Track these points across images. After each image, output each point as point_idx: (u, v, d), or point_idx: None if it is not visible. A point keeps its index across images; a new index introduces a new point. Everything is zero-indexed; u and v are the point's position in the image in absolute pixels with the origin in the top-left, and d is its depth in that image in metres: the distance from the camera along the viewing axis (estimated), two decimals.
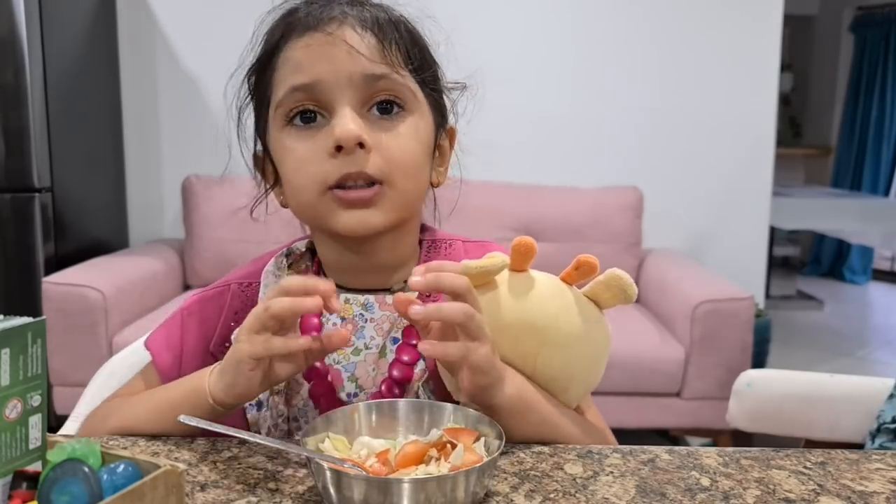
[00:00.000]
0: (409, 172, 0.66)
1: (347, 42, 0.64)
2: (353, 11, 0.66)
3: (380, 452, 0.56)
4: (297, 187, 0.67)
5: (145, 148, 2.90)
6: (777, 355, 3.12)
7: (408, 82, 0.66)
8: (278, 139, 0.68)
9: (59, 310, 2.12)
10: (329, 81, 0.64)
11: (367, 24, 0.65)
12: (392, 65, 0.65)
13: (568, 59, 2.91)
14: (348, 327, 0.71)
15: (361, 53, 0.64)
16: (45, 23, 2.26)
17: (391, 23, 0.67)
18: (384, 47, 0.65)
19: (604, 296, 0.66)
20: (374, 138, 0.64)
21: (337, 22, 0.65)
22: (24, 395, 0.48)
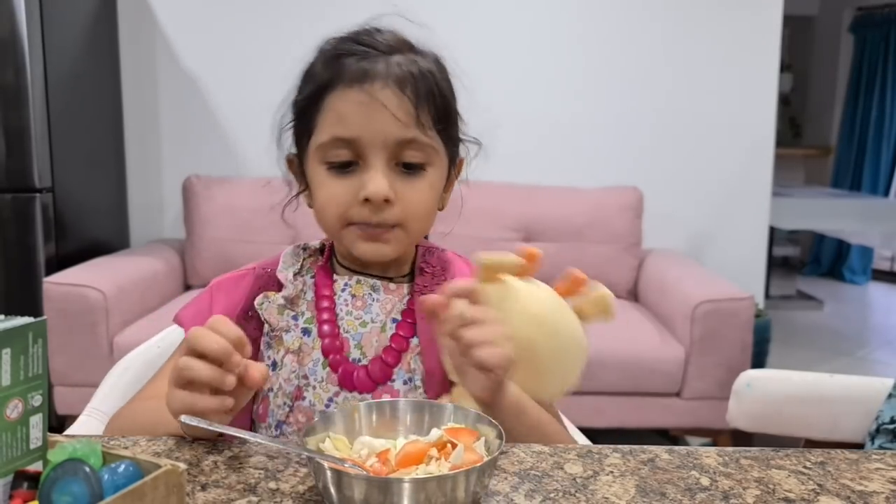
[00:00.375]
0: (422, 219, 0.79)
1: (387, 106, 0.73)
2: (396, 70, 0.75)
3: (380, 452, 0.56)
4: (325, 216, 0.79)
5: (146, 148, 2.90)
6: (777, 355, 3.12)
7: (432, 142, 0.77)
8: (315, 170, 0.78)
9: (60, 310, 2.12)
10: (367, 140, 0.74)
11: (405, 84, 0.75)
12: (422, 128, 0.75)
13: (568, 60, 2.92)
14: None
15: (399, 118, 0.74)
16: (46, 23, 2.26)
17: (428, 77, 0.76)
18: (418, 112, 0.75)
19: (588, 311, 0.72)
20: (398, 191, 0.76)
21: (381, 81, 0.74)
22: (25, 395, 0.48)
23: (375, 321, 0.80)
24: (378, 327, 0.80)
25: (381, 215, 0.75)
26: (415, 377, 0.78)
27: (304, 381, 0.78)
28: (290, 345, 0.79)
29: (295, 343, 0.79)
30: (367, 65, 0.74)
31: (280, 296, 0.81)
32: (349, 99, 0.74)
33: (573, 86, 2.92)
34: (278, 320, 0.80)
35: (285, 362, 0.79)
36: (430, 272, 0.84)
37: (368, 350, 0.79)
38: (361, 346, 0.79)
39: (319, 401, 0.77)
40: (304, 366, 0.79)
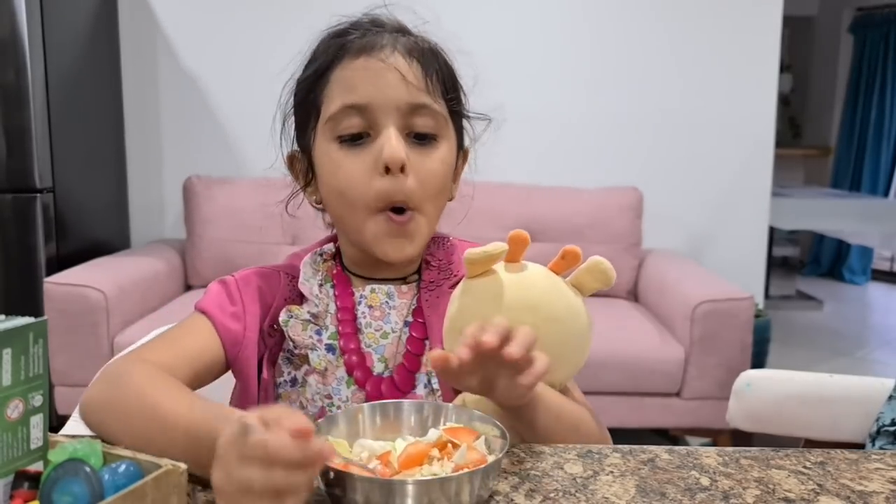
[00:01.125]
0: (435, 195, 0.76)
1: (399, 69, 0.73)
2: (402, 40, 0.75)
3: (381, 454, 0.56)
4: (346, 199, 0.75)
5: (147, 148, 2.90)
6: (777, 355, 3.12)
7: (442, 111, 0.76)
8: (326, 150, 0.75)
9: (61, 310, 2.12)
10: (379, 105, 0.73)
11: (413, 53, 0.74)
12: (432, 95, 0.74)
13: (568, 61, 2.92)
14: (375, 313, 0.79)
15: (410, 81, 0.73)
16: (47, 23, 2.27)
17: (433, 53, 0.77)
18: (427, 77, 0.74)
19: (586, 280, 0.71)
20: (413, 163, 0.73)
21: (389, 48, 0.74)
22: (26, 395, 0.48)
23: (395, 330, 0.78)
24: (397, 336, 0.78)
25: (400, 185, 0.72)
26: (431, 379, 0.77)
27: (328, 400, 0.76)
28: (317, 364, 0.76)
29: (321, 363, 0.76)
30: (371, 37, 0.74)
31: (305, 311, 0.77)
32: (357, 67, 0.73)
33: (573, 86, 2.92)
34: (303, 338, 0.77)
35: (309, 381, 0.76)
36: (437, 265, 0.82)
37: (392, 361, 0.77)
38: (385, 359, 0.77)
39: None
40: (329, 385, 0.76)
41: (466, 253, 0.67)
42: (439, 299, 0.78)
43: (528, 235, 0.69)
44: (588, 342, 0.72)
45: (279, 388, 0.77)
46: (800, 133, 5.99)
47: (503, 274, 0.68)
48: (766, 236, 3.06)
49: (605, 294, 2.66)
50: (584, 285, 0.71)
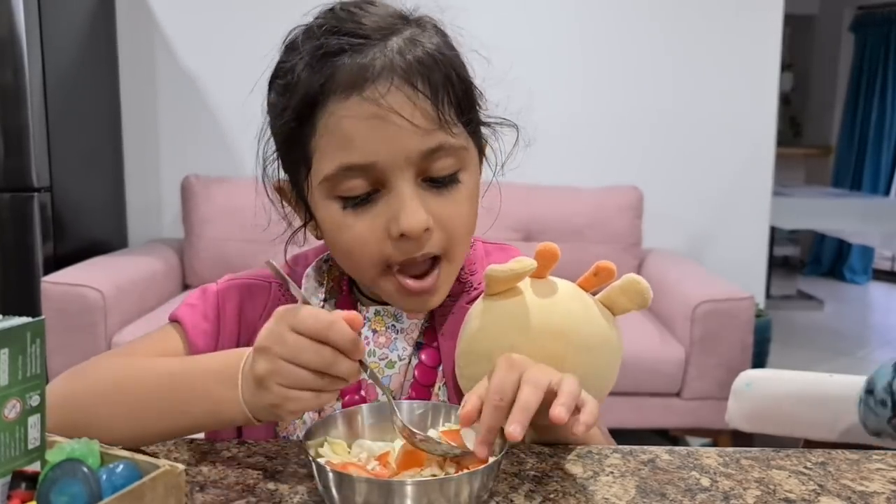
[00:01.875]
0: (466, 239, 0.67)
1: (402, 112, 0.59)
2: (399, 60, 0.60)
3: (380, 455, 0.56)
4: (354, 263, 0.65)
5: (144, 147, 2.90)
6: (777, 355, 3.12)
7: (461, 140, 0.63)
8: (326, 207, 0.64)
9: (59, 309, 2.12)
10: (386, 162, 0.60)
11: (415, 78, 0.60)
12: (447, 127, 0.61)
13: (568, 60, 2.91)
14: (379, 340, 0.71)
15: (417, 125, 0.60)
16: (45, 22, 2.26)
17: (439, 66, 0.62)
18: (438, 109, 0.61)
19: (619, 301, 0.65)
20: (434, 213, 0.62)
21: (385, 79, 0.59)
22: (23, 395, 0.48)
23: (403, 357, 0.70)
24: (405, 364, 0.69)
25: (422, 247, 0.62)
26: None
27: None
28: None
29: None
30: (360, 60, 0.59)
31: None
32: (351, 114, 0.59)
33: (573, 86, 2.92)
34: None
35: (305, 418, 0.69)
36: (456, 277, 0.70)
37: (398, 393, 0.69)
38: (391, 391, 0.68)
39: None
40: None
41: (489, 270, 0.60)
42: (456, 316, 0.69)
43: (558, 249, 0.62)
44: (616, 367, 0.66)
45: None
46: (800, 132, 5.99)
47: (528, 293, 0.62)
48: (767, 236, 3.06)
49: None
50: (617, 305, 0.65)
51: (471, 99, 0.66)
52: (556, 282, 0.65)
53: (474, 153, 0.67)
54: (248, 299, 0.72)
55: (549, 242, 0.62)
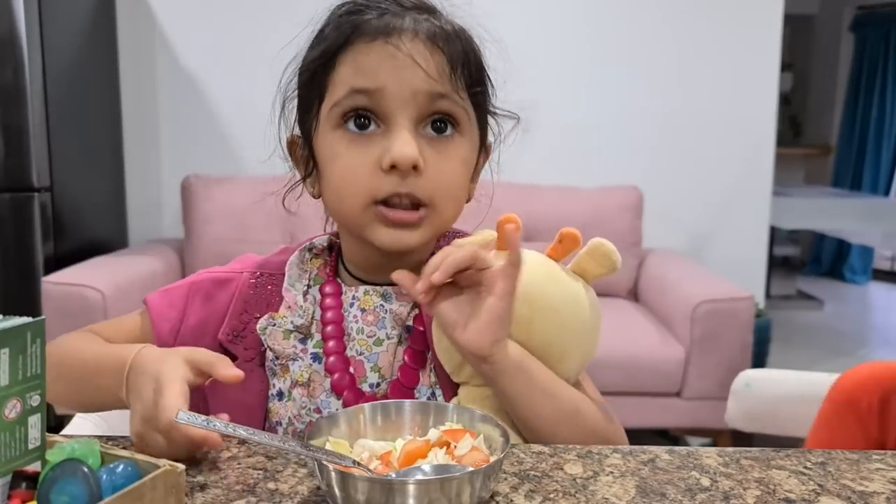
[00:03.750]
0: (452, 196, 0.68)
1: (418, 59, 0.64)
2: (425, 25, 0.65)
3: (382, 454, 0.56)
4: (341, 195, 0.67)
5: (145, 147, 2.90)
6: (777, 355, 3.12)
7: (465, 105, 0.67)
8: (328, 139, 0.67)
9: (59, 309, 2.12)
10: (393, 92, 0.64)
11: (437, 40, 0.65)
12: (455, 86, 0.65)
13: (567, 60, 2.91)
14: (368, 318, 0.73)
15: (430, 74, 0.64)
16: (45, 22, 2.26)
17: (461, 42, 0.67)
18: (451, 69, 0.65)
19: (589, 266, 0.68)
20: (427, 159, 0.65)
21: (410, 34, 0.64)
22: (24, 394, 0.48)
23: (391, 336, 0.71)
24: (394, 343, 0.71)
25: (409, 185, 0.64)
26: (436, 391, 0.70)
27: (317, 415, 0.70)
28: (299, 377, 0.70)
29: (304, 374, 0.70)
30: (390, 19, 0.65)
31: (289, 321, 0.71)
32: (371, 51, 0.64)
33: (573, 86, 2.92)
34: (284, 347, 0.71)
35: (294, 395, 0.70)
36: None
37: (387, 371, 0.70)
38: (379, 368, 0.70)
39: None
40: (316, 398, 0.70)
41: (453, 243, 0.64)
42: None
43: (519, 219, 0.64)
44: (595, 331, 0.68)
45: (269, 401, 0.72)
46: (800, 132, 5.99)
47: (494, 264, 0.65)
48: (767, 236, 3.06)
49: (606, 294, 2.65)
50: (588, 271, 0.67)
51: (482, 80, 0.69)
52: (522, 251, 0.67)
53: (474, 128, 0.70)
54: (218, 290, 0.76)
55: (510, 213, 0.65)
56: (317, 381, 0.71)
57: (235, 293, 0.75)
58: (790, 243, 4.78)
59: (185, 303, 0.76)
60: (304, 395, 0.70)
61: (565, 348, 0.67)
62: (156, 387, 0.59)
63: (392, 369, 0.71)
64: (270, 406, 0.72)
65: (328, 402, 0.70)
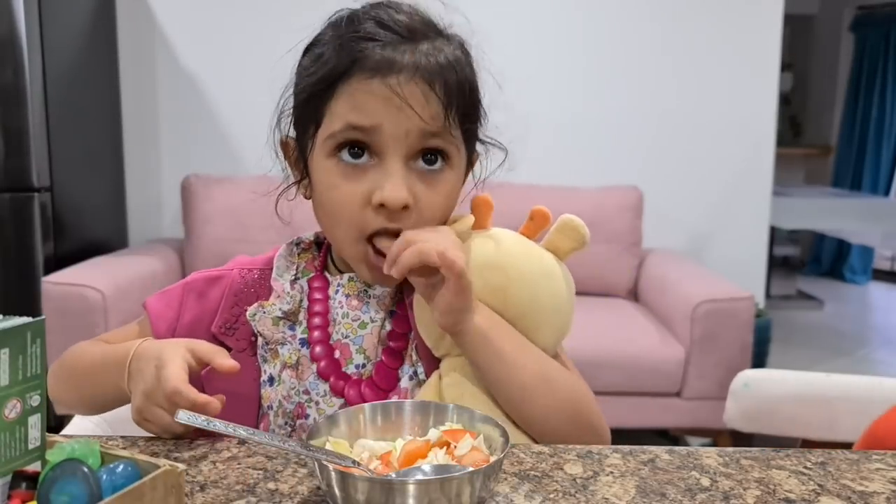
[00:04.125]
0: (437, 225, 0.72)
1: (413, 102, 0.66)
2: (424, 60, 0.67)
3: (382, 455, 0.56)
4: (333, 224, 0.72)
5: (145, 147, 2.90)
6: (777, 355, 3.12)
7: (457, 141, 0.71)
8: (323, 165, 0.71)
9: (59, 309, 2.12)
10: (388, 130, 0.67)
11: (434, 78, 0.67)
12: (448, 126, 0.69)
13: (567, 60, 2.91)
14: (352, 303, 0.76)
15: (423, 119, 0.67)
16: (45, 22, 2.26)
17: (457, 76, 0.69)
18: (447, 113, 0.68)
19: (560, 242, 0.71)
20: (416, 194, 0.69)
21: (408, 73, 0.66)
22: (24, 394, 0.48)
23: (375, 319, 0.75)
24: (378, 326, 0.75)
25: (398, 222, 0.69)
26: (418, 369, 0.74)
27: (306, 396, 0.73)
28: (287, 359, 0.74)
29: (292, 357, 0.74)
30: (390, 53, 0.66)
31: (277, 308, 0.75)
32: (369, 89, 0.66)
33: (573, 85, 2.92)
34: (273, 332, 0.74)
35: (283, 378, 0.74)
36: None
37: (372, 353, 0.74)
38: (364, 350, 0.74)
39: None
40: (304, 381, 0.73)
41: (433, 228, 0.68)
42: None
43: (491, 198, 0.70)
44: (569, 305, 0.72)
45: (261, 388, 0.75)
46: (800, 132, 5.99)
47: (472, 239, 0.70)
48: (767, 236, 3.06)
49: (606, 294, 2.65)
50: (560, 247, 0.71)
51: (475, 113, 0.73)
52: (496, 230, 0.71)
53: (462, 160, 0.73)
54: (210, 287, 0.80)
55: (483, 193, 0.71)
56: (304, 365, 0.74)
57: (226, 289, 0.79)
58: (790, 243, 4.78)
59: (180, 302, 0.80)
60: (292, 376, 0.74)
61: (539, 320, 0.71)
62: (157, 363, 0.65)
63: (376, 351, 0.75)
64: (262, 392, 0.75)
65: (316, 384, 0.74)
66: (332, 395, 0.73)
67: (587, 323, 2.06)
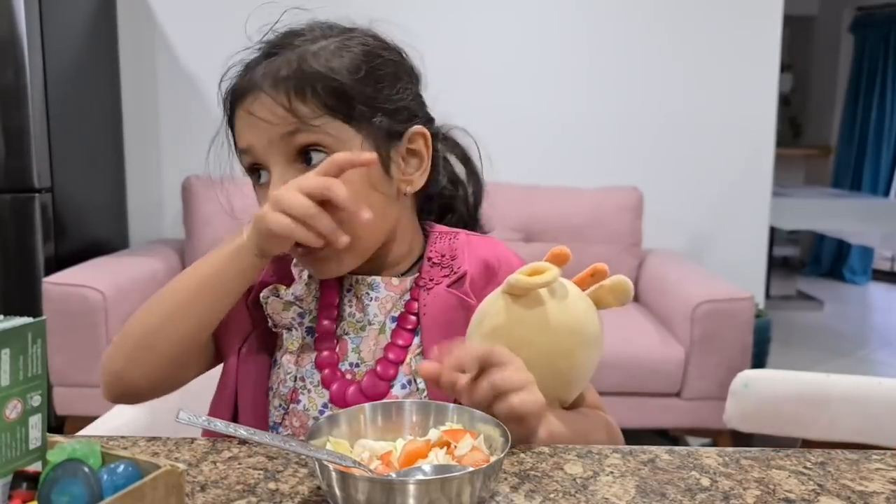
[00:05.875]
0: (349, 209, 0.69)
1: (261, 114, 0.72)
2: (270, 74, 0.73)
3: (383, 454, 0.56)
4: None
5: (145, 148, 2.90)
6: (777, 355, 3.12)
7: (326, 129, 0.72)
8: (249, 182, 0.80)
9: (60, 310, 2.12)
10: (257, 147, 0.74)
11: (279, 85, 0.72)
12: (303, 118, 0.71)
13: (568, 60, 2.91)
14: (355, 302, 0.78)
15: (274, 122, 0.72)
16: (46, 23, 2.26)
17: (308, 72, 0.72)
18: (291, 106, 0.71)
19: (606, 298, 0.71)
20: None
21: (254, 92, 0.73)
22: (24, 395, 0.48)
23: (374, 322, 0.76)
24: (376, 330, 0.76)
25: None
26: (417, 378, 0.74)
27: (301, 383, 0.76)
28: (290, 345, 0.77)
29: (295, 343, 0.76)
30: (248, 76, 0.75)
31: (290, 292, 0.78)
32: (239, 117, 0.75)
33: (573, 86, 2.92)
34: (283, 317, 0.77)
35: (282, 362, 0.77)
36: (438, 262, 0.78)
37: (366, 355, 0.76)
38: (360, 351, 0.76)
39: (314, 406, 0.75)
40: (302, 367, 0.76)
41: (513, 280, 0.66)
42: (436, 299, 0.76)
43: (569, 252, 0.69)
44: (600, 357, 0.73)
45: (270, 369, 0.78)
46: (800, 133, 5.99)
47: (543, 293, 0.68)
48: (767, 236, 3.06)
49: None
50: (602, 301, 0.71)
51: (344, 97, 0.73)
52: (563, 282, 0.70)
53: (355, 141, 0.73)
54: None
55: (562, 246, 0.69)
56: (305, 352, 0.77)
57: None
58: (790, 244, 4.78)
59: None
60: (291, 362, 0.76)
61: (585, 375, 0.72)
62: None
63: (373, 356, 0.76)
64: (271, 372, 0.78)
65: (312, 373, 0.76)
66: (323, 386, 0.75)
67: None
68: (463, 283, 0.76)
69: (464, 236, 0.82)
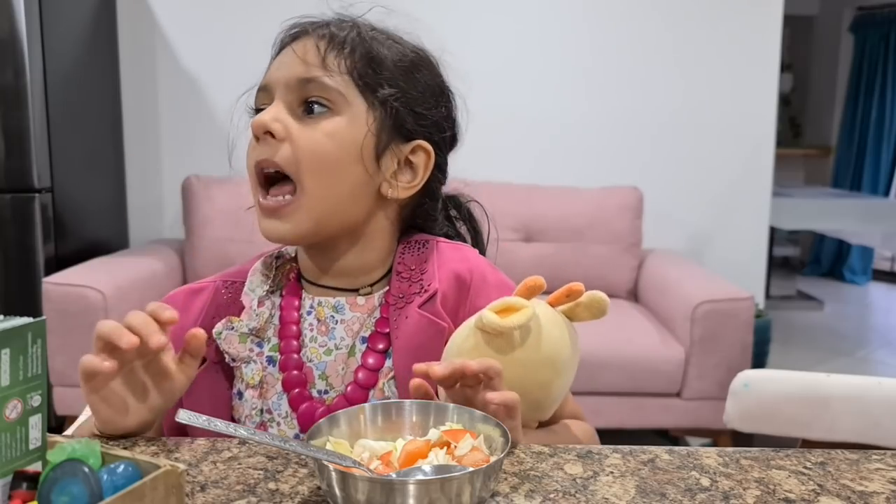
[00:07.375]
0: (318, 171, 0.71)
1: (297, 51, 0.72)
2: (323, 26, 0.74)
3: (383, 454, 0.56)
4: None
5: (145, 148, 2.90)
6: (777, 355, 3.12)
7: (340, 86, 0.71)
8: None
9: (59, 310, 2.12)
10: (274, 84, 0.73)
11: (324, 35, 0.73)
12: (327, 69, 0.71)
13: (568, 60, 2.92)
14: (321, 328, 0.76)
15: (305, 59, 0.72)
16: (46, 23, 2.26)
17: (352, 37, 0.73)
18: (326, 56, 0.71)
19: (581, 314, 0.71)
20: (294, 133, 0.70)
21: (304, 35, 0.74)
22: (24, 395, 0.48)
23: (340, 347, 0.74)
24: (344, 354, 0.74)
25: (268, 152, 0.70)
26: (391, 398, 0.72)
27: (269, 416, 0.73)
28: (250, 379, 0.73)
29: (255, 377, 0.73)
30: (297, 32, 0.75)
31: (245, 324, 0.74)
32: (277, 58, 0.75)
33: (573, 86, 2.92)
34: (240, 350, 0.74)
35: (246, 396, 0.74)
36: (407, 276, 0.75)
37: (335, 380, 0.73)
38: (327, 377, 0.73)
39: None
40: (268, 399, 0.73)
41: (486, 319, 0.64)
42: (409, 320, 0.72)
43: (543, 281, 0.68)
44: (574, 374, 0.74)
45: (232, 399, 0.75)
46: (800, 133, 5.99)
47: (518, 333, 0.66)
48: (767, 236, 3.06)
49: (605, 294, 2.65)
50: (577, 316, 0.71)
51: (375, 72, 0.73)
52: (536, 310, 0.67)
53: (359, 110, 0.72)
54: (192, 300, 0.78)
55: (536, 277, 0.68)
56: (269, 383, 0.74)
57: (207, 300, 0.78)
58: (790, 244, 4.78)
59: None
60: (254, 396, 0.73)
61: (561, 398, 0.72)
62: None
63: (342, 380, 0.73)
64: (234, 403, 0.75)
65: (279, 404, 0.73)
66: (291, 409, 0.73)
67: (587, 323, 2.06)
68: (434, 303, 0.73)
69: (433, 245, 0.78)
